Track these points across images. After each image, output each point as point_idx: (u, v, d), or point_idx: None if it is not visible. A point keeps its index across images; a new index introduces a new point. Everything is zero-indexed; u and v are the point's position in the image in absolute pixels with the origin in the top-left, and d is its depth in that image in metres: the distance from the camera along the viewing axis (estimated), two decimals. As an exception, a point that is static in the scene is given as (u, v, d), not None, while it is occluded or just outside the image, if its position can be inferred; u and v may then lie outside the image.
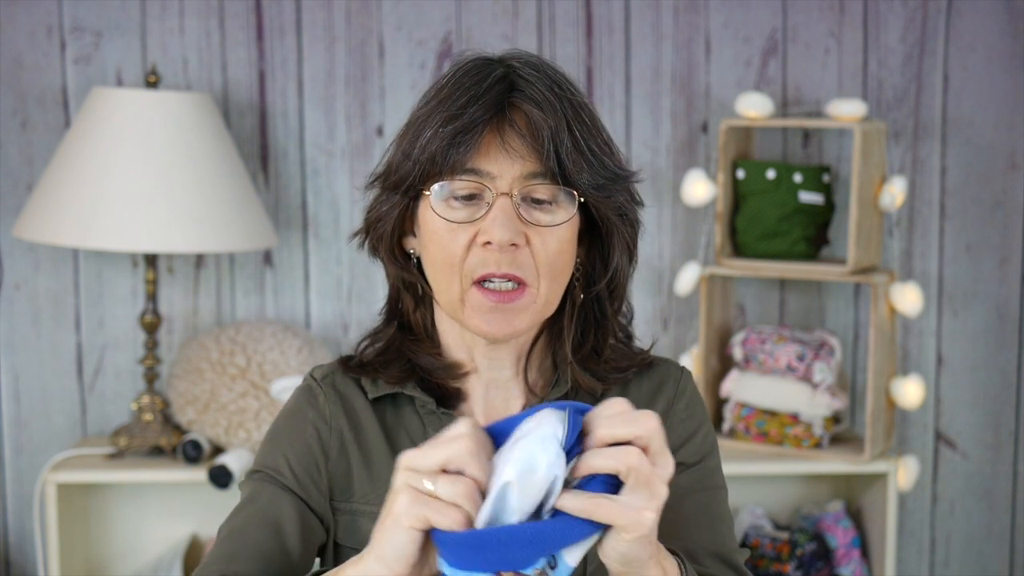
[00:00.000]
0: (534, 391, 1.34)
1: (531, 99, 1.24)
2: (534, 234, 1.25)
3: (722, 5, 2.84)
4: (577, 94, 1.28)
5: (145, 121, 2.51)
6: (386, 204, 1.31)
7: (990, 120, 2.88)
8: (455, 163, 1.24)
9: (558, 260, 1.27)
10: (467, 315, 1.27)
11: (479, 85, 1.25)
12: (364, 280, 2.85)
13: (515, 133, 1.24)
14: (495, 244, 1.24)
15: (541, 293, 1.27)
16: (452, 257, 1.26)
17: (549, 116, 1.23)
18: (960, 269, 2.91)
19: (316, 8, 2.80)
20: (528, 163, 1.24)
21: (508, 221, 1.23)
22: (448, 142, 1.24)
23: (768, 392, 2.70)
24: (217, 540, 1.31)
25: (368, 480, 1.32)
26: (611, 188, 1.27)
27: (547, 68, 1.29)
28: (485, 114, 1.24)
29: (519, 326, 1.27)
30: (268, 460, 1.34)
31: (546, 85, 1.26)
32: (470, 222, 1.25)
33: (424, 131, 1.26)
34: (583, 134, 1.25)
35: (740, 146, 2.77)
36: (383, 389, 1.35)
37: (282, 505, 1.31)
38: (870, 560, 2.77)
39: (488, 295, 1.25)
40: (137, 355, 2.80)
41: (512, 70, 1.27)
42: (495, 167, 1.24)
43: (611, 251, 1.31)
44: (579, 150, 1.24)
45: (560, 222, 1.25)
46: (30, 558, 2.84)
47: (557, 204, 1.26)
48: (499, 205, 1.24)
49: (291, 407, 1.38)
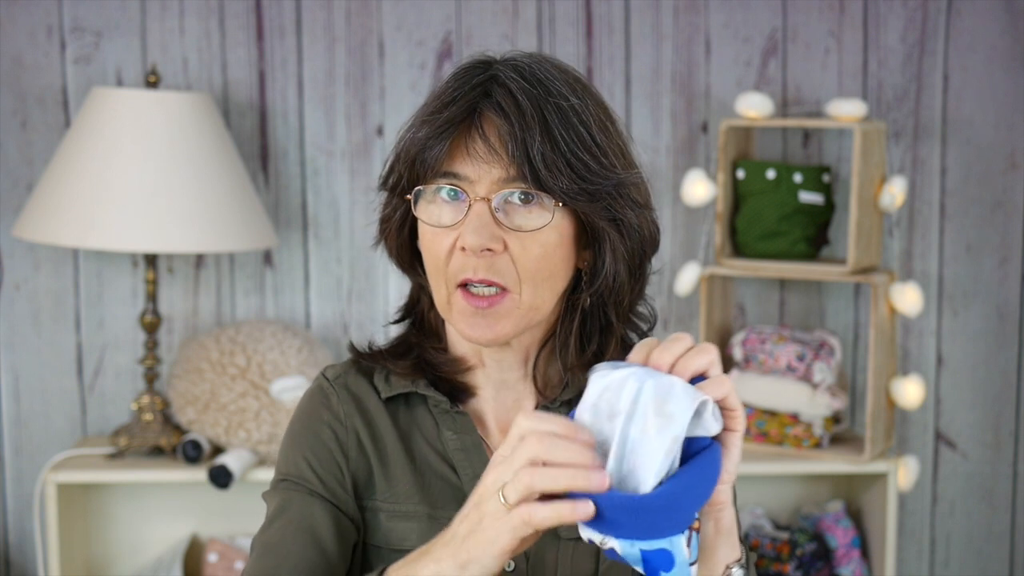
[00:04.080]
0: (544, 394, 1.34)
1: (498, 107, 1.23)
2: (513, 239, 1.24)
3: (722, 5, 2.84)
4: (570, 98, 1.25)
5: (145, 121, 2.51)
6: (389, 206, 1.33)
7: (990, 120, 2.88)
8: (432, 166, 1.24)
9: (541, 265, 1.25)
10: (454, 319, 1.28)
11: (460, 89, 1.25)
12: (364, 280, 2.85)
13: (480, 139, 1.23)
14: (468, 249, 1.24)
15: (524, 298, 1.26)
16: (437, 260, 1.27)
17: (516, 124, 1.22)
18: (960, 269, 2.91)
19: (316, 8, 2.80)
20: (502, 168, 1.23)
21: (482, 227, 1.23)
22: (422, 145, 1.24)
23: (768, 392, 2.70)
24: (253, 556, 1.29)
25: (385, 479, 1.32)
26: (598, 194, 1.25)
27: (538, 70, 1.26)
28: (455, 117, 1.24)
29: (502, 331, 1.26)
30: (291, 467, 1.34)
31: (525, 91, 1.23)
32: (451, 226, 1.25)
33: (408, 134, 1.28)
34: (566, 138, 1.23)
35: (740, 146, 2.77)
36: (396, 388, 1.35)
37: (314, 512, 1.30)
38: (870, 560, 2.77)
39: (470, 300, 1.26)
40: (137, 355, 2.80)
41: (495, 75, 1.26)
42: (472, 171, 1.24)
43: (603, 257, 1.29)
44: (557, 155, 1.22)
45: (537, 227, 1.24)
46: (30, 558, 2.84)
47: (540, 208, 1.24)
48: (475, 210, 1.24)
49: (305, 410, 1.37)
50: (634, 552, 1.03)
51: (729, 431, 1.10)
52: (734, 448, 1.10)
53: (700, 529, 1.06)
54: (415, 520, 1.30)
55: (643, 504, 1.01)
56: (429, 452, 1.33)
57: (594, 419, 1.05)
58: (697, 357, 1.08)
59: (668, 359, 1.08)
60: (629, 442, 1.02)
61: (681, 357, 1.09)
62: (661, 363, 1.08)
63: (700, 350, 1.09)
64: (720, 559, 1.15)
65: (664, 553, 1.03)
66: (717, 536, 1.15)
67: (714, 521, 1.14)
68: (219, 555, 2.68)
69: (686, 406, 1.03)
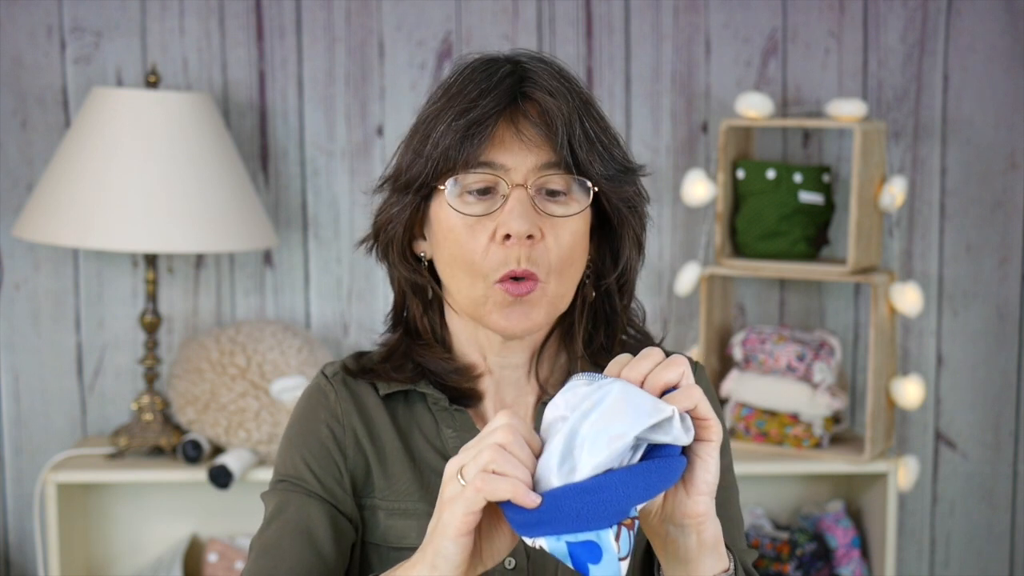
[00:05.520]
0: (546, 389, 1.34)
1: (543, 87, 1.25)
2: (548, 227, 1.25)
3: (722, 5, 2.84)
4: (584, 89, 1.29)
5: (145, 121, 2.51)
6: (396, 206, 1.30)
7: (990, 120, 2.88)
8: (469, 157, 1.24)
9: (570, 254, 1.26)
10: (486, 312, 1.27)
11: (489, 79, 1.26)
12: (364, 280, 2.85)
13: (529, 123, 1.24)
14: (514, 236, 1.23)
15: (551, 288, 1.26)
16: (471, 255, 1.25)
17: (563, 104, 1.24)
18: (960, 269, 2.91)
19: (316, 8, 2.80)
20: (542, 153, 1.24)
21: (525, 212, 1.23)
22: (462, 135, 1.24)
23: (768, 392, 2.70)
24: (251, 557, 1.30)
25: (384, 477, 1.32)
26: (622, 179, 1.28)
27: (553, 63, 1.30)
28: (498, 105, 1.24)
29: (536, 320, 1.27)
30: (289, 468, 1.34)
31: (555, 77, 1.27)
32: (487, 215, 1.25)
33: (436, 127, 1.26)
34: (592, 126, 1.26)
35: (740, 146, 2.77)
36: (395, 386, 1.35)
37: (311, 513, 1.30)
38: (870, 560, 2.77)
39: (511, 291, 1.25)
40: (137, 355, 2.80)
41: (520, 64, 1.28)
42: (509, 159, 1.24)
43: (622, 243, 1.31)
44: (590, 140, 1.25)
45: (573, 212, 1.25)
46: (30, 558, 2.84)
47: (570, 195, 1.26)
48: (515, 196, 1.24)
49: (302, 410, 1.37)
50: (560, 547, 1.02)
51: (703, 441, 1.09)
52: (709, 459, 1.08)
53: (635, 527, 1.05)
54: (414, 518, 1.30)
55: (565, 492, 1.01)
56: (428, 450, 1.33)
57: (552, 424, 1.07)
58: (667, 370, 1.08)
59: (638, 374, 1.09)
60: (578, 437, 1.03)
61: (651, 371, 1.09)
62: (632, 378, 1.08)
63: (670, 363, 1.09)
64: (705, 571, 1.13)
65: (590, 545, 1.02)
66: (700, 549, 1.12)
67: (696, 534, 1.11)
68: (219, 555, 2.68)
69: (643, 411, 1.03)
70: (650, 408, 1.04)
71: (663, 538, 1.13)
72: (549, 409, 1.07)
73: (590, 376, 1.08)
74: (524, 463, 1.04)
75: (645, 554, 1.30)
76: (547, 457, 1.04)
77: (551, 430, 1.06)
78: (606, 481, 1.01)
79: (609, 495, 1.01)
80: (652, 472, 1.04)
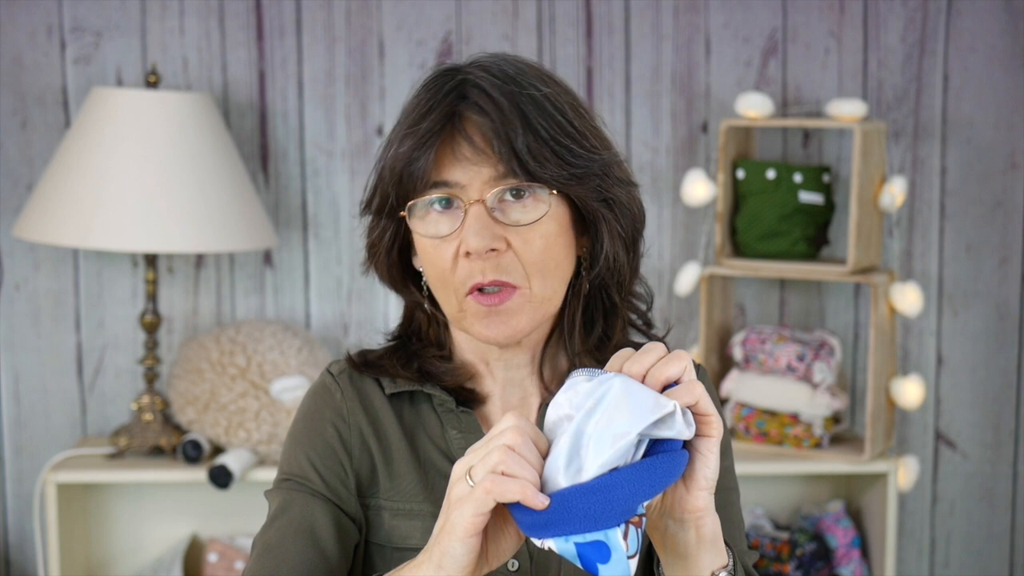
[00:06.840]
0: (549, 388, 1.34)
1: (476, 107, 1.24)
2: (514, 235, 1.25)
3: (722, 5, 2.84)
4: (541, 88, 1.26)
5: (145, 121, 2.51)
6: (376, 230, 1.32)
7: (990, 120, 2.88)
8: (421, 178, 1.24)
9: (546, 256, 1.26)
10: (469, 324, 1.28)
11: (433, 98, 1.26)
12: (364, 280, 2.84)
13: (465, 142, 1.24)
14: (473, 253, 1.24)
15: (535, 292, 1.26)
16: (443, 272, 1.26)
17: (497, 121, 1.23)
18: (960, 269, 2.91)
19: (316, 8, 2.80)
20: (490, 167, 1.24)
21: (483, 229, 1.23)
22: (408, 159, 1.24)
23: (768, 392, 2.70)
24: (253, 556, 1.30)
25: (389, 477, 1.32)
26: (586, 177, 1.26)
27: (507, 66, 1.27)
28: (436, 125, 1.24)
29: (519, 327, 1.27)
30: (293, 467, 1.33)
31: (498, 87, 1.24)
32: (451, 234, 1.25)
33: (390, 150, 1.27)
34: (546, 127, 1.24)
35: (740, 146, 2.77)
36: (401, 386, 1.35)
37: (315, 512, 1.30)
38: (870, 560, 2.77)
39: (482, 301, 1.25)
40: (137, 355, 2.80)
41: (466, 78, 1.27)
42: (461, 175, 1.24)
43: (600, 239, 1.30)
44: (541, 143, 1.23)
45: (535, 219, 1.25)
46: (30, 558, 2.84)
47: (534, 197, 1.25)
48: (472, 213, 1.24)
49: (308, 408, 1.37)
50: (569, 547, 1.03)
51: (703, 436, 1.09)
52: (709, 454, 1.09)
53: (642, 525, 1.05)
54: (419, 518, 1.30)
55: (573, 492, 1.02)
56: (433, 450, 1.33)
57: (556, 423, 1.07)
58: (669, 365, 1.08)
59: (640, 369, 1.09)
60: (584, 437, 1.03)
61: (653, 366, 1.09)
62: (633, 373, 1.09)
63: (672, 358, 1.09)
64: (705, 566, 1.13)
65: (599, 545, 1.02)
66: (699, 544, 1.12)
67: (695, 529, 1.12)
68: (219, 555, 2.68)
69: (646, 408, 1.04)
70: (652, 404, 1.04)
71: (662, 533, 1.13)
72: (552, 408, 1.08)
73: (590, 372, 1.08)
74: (532, 464, 1.04)
75: (645, 550, 1.30)
76: (554, 458, 1.04)
77: (556, 430, 1.06)
78: (612, 480, 1.02)
79: (616, 494, 1.01)
80: (657, 468, 1.04)
